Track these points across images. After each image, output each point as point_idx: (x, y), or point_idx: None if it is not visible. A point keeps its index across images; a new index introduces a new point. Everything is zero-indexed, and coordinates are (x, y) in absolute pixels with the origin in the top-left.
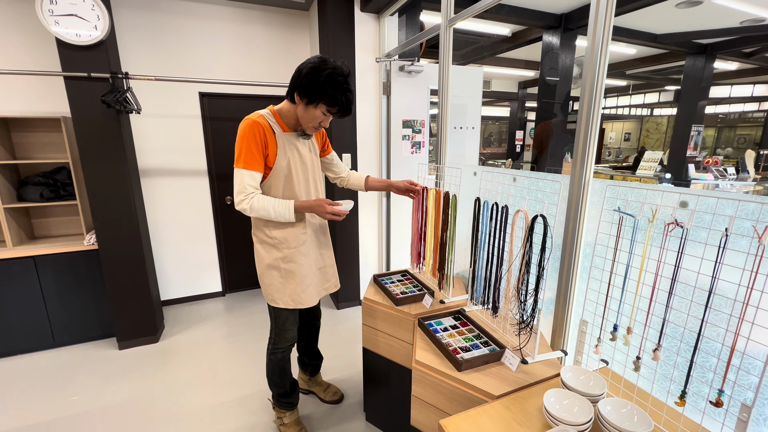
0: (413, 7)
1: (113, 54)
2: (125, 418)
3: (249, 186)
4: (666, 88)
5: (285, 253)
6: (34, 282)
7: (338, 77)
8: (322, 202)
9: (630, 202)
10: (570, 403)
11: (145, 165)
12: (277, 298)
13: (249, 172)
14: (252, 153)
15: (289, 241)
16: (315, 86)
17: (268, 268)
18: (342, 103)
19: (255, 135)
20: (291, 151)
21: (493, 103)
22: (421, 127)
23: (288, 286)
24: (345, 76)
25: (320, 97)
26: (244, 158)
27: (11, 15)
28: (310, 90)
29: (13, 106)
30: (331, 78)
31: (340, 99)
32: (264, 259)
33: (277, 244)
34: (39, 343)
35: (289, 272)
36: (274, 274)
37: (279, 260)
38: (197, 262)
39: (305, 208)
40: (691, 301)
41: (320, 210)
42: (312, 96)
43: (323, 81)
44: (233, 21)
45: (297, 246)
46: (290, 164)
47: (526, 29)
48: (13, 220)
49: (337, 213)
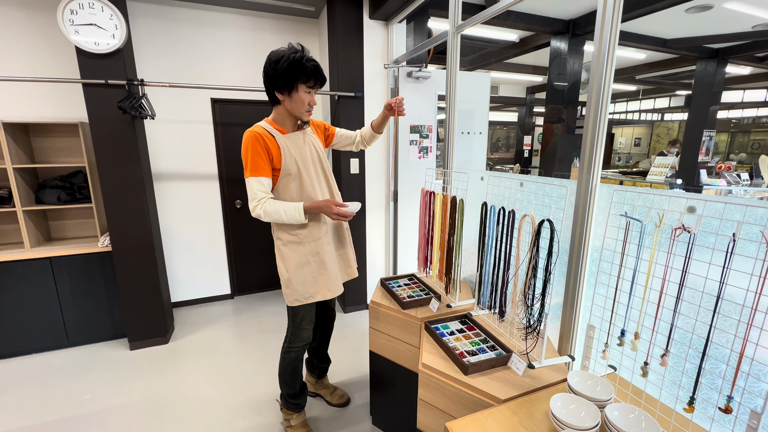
0: (421, 14)
1: (129, 61)
2: (136, 418)
3: (259, 192)
4: (677, 92)
5: (311, 246)
6: (50, 283)
7: (295, 55)
8: (330, 203)
9: (637, 207)
10: (577, 408)
11: (157, 169)
12: (314, 291)
13: (257, 178)
14: (256, 161)
15: (313, 234)
16: (285, 75)
17: (299, 265)
18: (315, 72)
19: (257, 143)
20: (294, 149)
21: (500, 108)
22: (428, 132)
23: (321, 278)
24: (301, 51)
25: (294, 79)
26: (251, 167)
27: (33, 24)
28: (284, 80)
29: (33, 112)
30: (292, 61)
31: (311, 70)
32: (292, 259)
33: (302, 240)
34: (53, 343)
35: (321, 263)
36: (306, 271)
37: (308, 255)
38: (207, 265)
39: (314, 208)
40: (699, 306)
41: (327, 210)
42: (288, 84)
43: (287, 67)
44: (245, 29)
45: (320, 236)
46: (297, 162)
47: (533, 35)
48: (31, 222)
49: (343, 214)
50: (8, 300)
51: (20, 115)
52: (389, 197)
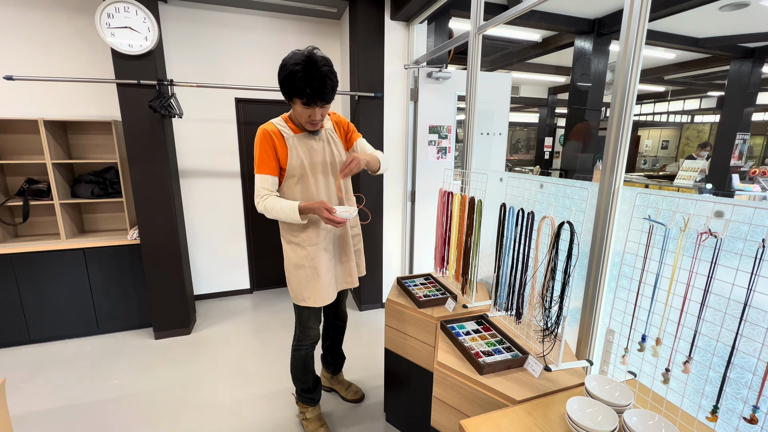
0: (442, 15)
1: (160, 62)
2: (160, 404)
3: (262, 189)
4: (708, 93)
5: (308, 250)
6: (83, 272)
7: (295, 67)
8: (322, 205)
9: (661, 211)
10: (594, 412)
11: (183, 166)
12: (306, 296)
13: (262, 176)
14: (263, 158)
15: (311, 239)
16: (284, 86)
17: (296, 267)
18: (308, 94)
19: (265, 140)
20: (303, 151)
21: (521, 109)
22: (447, 133)
23: (314, 285)
24: (303, 64)
25: (290, 94)
26: (258, 164)
27: (73, 27)
28: (284, 91)
29: (71, 110)
30: (289, 74)
31: (305, 90)
32: (291, 259)
33: (301, 242)
34: (85, 329)
35: (314, 269)
36: (301, 273)
37: (304, 258)
38: (228, 260)
39: (308, 209)
40: (725, 313)
41: (319, 213)
42: (287, 95)
43: (283, 78)
44: (268, 30)
45: (317, 242)
46: (303, 164)
47: (557, 35)
48: (67, 214)
49: (333, 220)
50: (45, 288)
51: (59, 113)
52: (406, 197)
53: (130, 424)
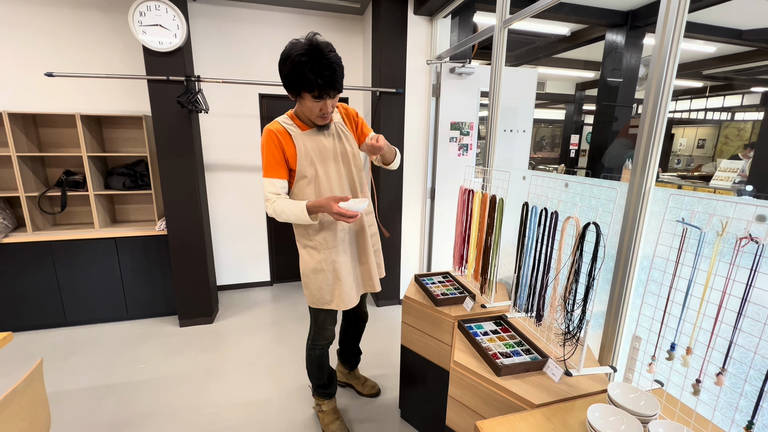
0: (467, 9)
1: (188, 59)
2: (183, 389)
3: (269, 193)
4: (751, 89)
5: (325, 254)
6: (114, 260)
7: (300, 58)
8: (330, 200)
9: (696, 214)
10: (617, 421)
11: (208, 160)
12: (329, 299)
13: (269, 179)
14: (269, 161)
15: (328, 242)
16: (288, 80)
17: (314, 271)
18: (319, 85)
19: (271, 142)
20: (313, 148)
21: (546, 106)
22: (469, 130)
23: (336, 288)
24: (308, 54)
25: (298, 88)
26: (264, 167)
27: (108, 25)
28: (289, 85)
29: (104, 105)
30: (295, 66)
31: (315, 81)
32: (308, 264)
33: (318, 246)
34: (115, 315)
35: (335, 272)
36: (321, 277)
37: (323, 262)
38: (249, 253)
39: (317, 207)
40: (764, 324)
41: (329, 209)
42: (294, 90)
43: (289, 72)
44: (292, 26)
45: (335, 245)
46: (314, 162)
47: (586, 28)
48: (100, 205)
49: (342, 214)
50: (81, 274)
51: (95, 108)
52: (426, 194)
53: (155, 406)
